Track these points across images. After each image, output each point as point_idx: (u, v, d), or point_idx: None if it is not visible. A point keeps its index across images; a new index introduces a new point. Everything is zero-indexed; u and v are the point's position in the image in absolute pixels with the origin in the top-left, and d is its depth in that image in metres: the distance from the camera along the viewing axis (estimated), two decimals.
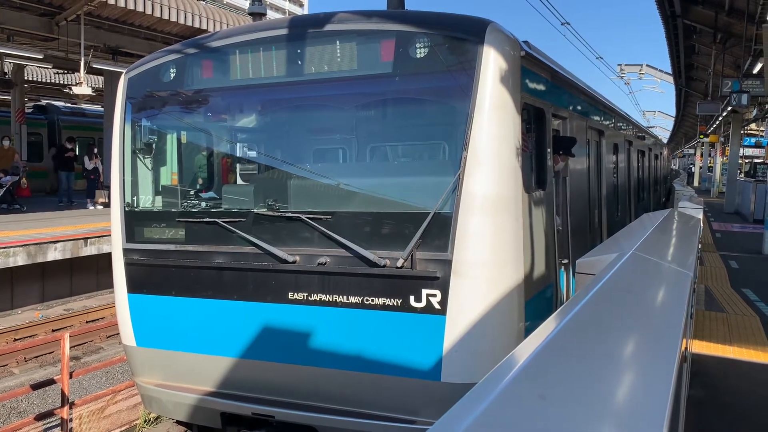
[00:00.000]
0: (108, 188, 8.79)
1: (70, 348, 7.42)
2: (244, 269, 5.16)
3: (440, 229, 4.56)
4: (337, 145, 6.24)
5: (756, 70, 18.37)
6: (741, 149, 32.14)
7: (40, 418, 7.20)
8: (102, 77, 23.04)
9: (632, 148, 13.20)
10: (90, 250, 13.42)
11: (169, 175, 6.13)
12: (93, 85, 24.42)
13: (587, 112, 8.08)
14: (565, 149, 6.40)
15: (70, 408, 7.20)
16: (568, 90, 6.95)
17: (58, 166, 20.27)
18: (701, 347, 6.47)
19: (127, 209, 5.73)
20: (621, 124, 11.89)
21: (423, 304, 4.57)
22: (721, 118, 28.52)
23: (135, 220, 5.70)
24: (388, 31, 4.85)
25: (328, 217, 4.89)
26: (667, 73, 39.21)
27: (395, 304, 4.64)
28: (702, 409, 4.87)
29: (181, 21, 17.30)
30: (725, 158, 34.27)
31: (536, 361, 1.71)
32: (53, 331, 11.77)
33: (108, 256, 6.14)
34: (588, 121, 8.03)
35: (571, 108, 7.01)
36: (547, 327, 2.06)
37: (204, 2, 18.93)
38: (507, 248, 4.65)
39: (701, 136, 37.41)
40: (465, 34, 4.69)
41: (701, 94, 30.74)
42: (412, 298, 4.60)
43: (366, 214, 4.90)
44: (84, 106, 30.13)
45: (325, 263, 4.86)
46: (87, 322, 12.55)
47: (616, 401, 1.51)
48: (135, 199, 5.81)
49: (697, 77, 30.26)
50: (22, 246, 12.10)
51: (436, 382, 4.55)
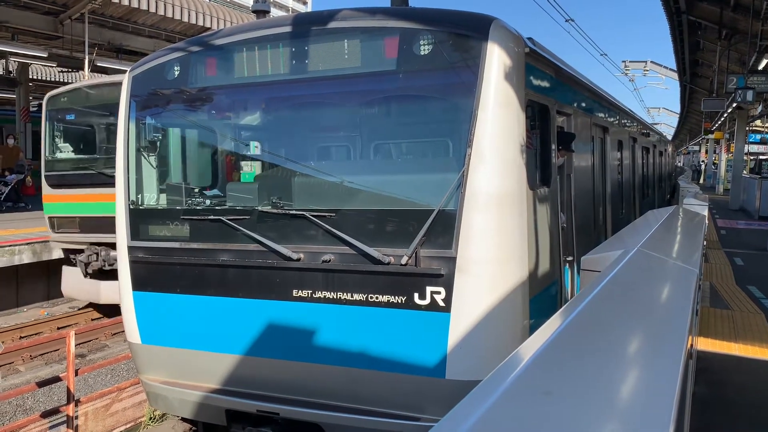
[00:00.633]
0: None
1: (76, 345, 7.44)
2: (249, 267, 5.17)
3: (444, 227, 4.55)
4: (341, 143, 6.23)
5: (761, 67, 18.31)
6: (746, 146, 32.01)
7: (46, 415, 7.24)
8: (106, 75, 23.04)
9: (637, 144, 13.15)
10: None
11: (174, 173, 6.14)
12: None
13: (592, 109, 8.05)
14: (565, 144, 6.37)
15: (76, 405, 7.23)
16: (572, 87, 6.93)
17: None
18: (706, 344, 6.45)
19: (131, 207, 5.75)
20: (625, 121, 11.85)
21: (427, 301, 4.57)
22: (726, 115, 28.40)
23: (140, 218, 5.71)
24: (392, 28, 4.84)
25: (333, 214, 4.88)
26: (671, 70, 39.01)
27: (399, 302, 4.64)
28: (707, 406, 4.85)
29: (185, 19, 17.34)
30: (730, 155, 34.15)
31: (541, 358, 1.71)
32: (59, 329, 11.80)
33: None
34: (592, 117, 8.00)
35: (575, 105, 6.98)
36: (552, 324, 2.06)
37: (207, 0, 18.94)
38: (511, 245, 4.64)
39: (706, 133, 37.24)
40: (469, 31, 4.67)
41: (706, 90, 30.60)
42: (416, 296, 4.59)
43: (370, 212, 4.90)
44: None
45: (330, 261, 4.86)
46: (92, 320, 12.58)
47: (622, 398, 1.51)
48: (140, 197, 5.82)
49: (702, 74, 30.14)
50: (28, 244, 12.14)
51: (441, 380, 4.55)
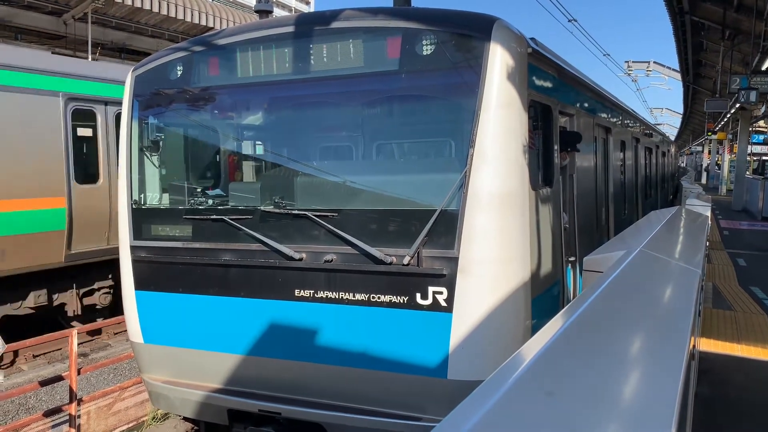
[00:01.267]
0: None
1: (78, 345, 7.45)
2: (251, 266, 5.17)
3: (447, 227, 4.55)
4: (343, 143, 6.24)
5: (764, 67, 18.27)
6: (749, 146, 31.95)
7: (48, 414, 7.25)
8: None
9: (639, 145, 13.13)
10: None
11: (176, 173, 6.14)
12: None
13: (594, 109, 8.04)
14: (567, 144, 6.34)
15: (78, 404, 7.24)
16: (575, 87, 6.92)
17: None
18: (709, 345, 6.44)
19: (134, 207, 5.75)
20: (628, 122, 11.83)
21: (429, 301, 4.56)
22: (729, 115, 28.39)
23: (142, 218, 5.72)
24: (395, 29, 4.84)
25: (335, 214, 4.89)
26: (674, 70, 39.00)
27: (401, 302, 4.64)
28: (709, 407, 4.85)
29: (188, 19, 17.35)
30: (733, 155, 34.07)
31: (543, 359, 1.71)
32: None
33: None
34: (595, 118, 7.99)
35: (578, 105, 6.97)
36: (555, 324, 2.06)
37: (210, 0, 18.96)
38: (513, 246, 4.63)
39: (709, 134, 37.20)
40: (472, 31, 4.67)
41: (709, 91, 30.58)
42: (418, 296, 4.59)
43: (372, 212, 4.90)
44: None
45: (332, 260, 4.86)
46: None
47: (624, 399, 1.50)
48: (142, 196, 5.83)
49: (705, 74, 30.11)
50: None
51: (443, 380, 4.54)
